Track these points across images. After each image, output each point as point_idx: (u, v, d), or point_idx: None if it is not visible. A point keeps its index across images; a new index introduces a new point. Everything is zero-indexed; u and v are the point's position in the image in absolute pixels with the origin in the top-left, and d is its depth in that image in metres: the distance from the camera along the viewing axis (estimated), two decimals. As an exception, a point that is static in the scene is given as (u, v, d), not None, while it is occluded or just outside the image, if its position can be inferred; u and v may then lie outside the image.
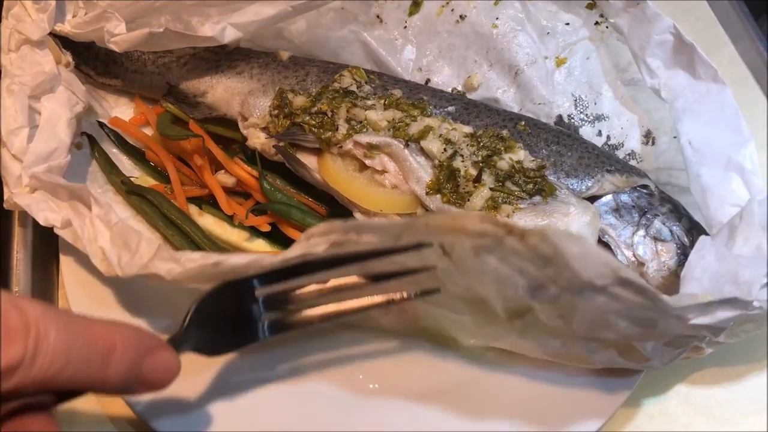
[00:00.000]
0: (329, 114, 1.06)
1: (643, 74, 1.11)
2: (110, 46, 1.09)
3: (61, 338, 0.61)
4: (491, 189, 0.99)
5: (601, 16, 1.22)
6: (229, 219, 1.13)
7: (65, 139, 1.04)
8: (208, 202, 1.15)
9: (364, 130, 1.05)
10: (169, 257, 0.87)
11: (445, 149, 1.03)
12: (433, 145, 1.02)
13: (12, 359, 0.58)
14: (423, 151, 1.03)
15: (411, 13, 1.25)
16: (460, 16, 1.25)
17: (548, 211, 0.99)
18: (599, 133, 1.20)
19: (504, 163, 1.01)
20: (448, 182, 1.00)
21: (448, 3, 1.25)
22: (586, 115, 1.21)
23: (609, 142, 1.20)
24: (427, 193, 1.01)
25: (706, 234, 1.01)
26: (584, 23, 1.23)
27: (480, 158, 1.02)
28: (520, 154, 1.03)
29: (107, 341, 0.65)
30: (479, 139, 1.04)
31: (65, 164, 1.03)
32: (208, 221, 1.13)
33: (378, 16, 1.24)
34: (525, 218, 0.98)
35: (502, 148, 1.03)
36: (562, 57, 1.23)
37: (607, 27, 1.22)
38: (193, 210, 1.14)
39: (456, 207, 0.99)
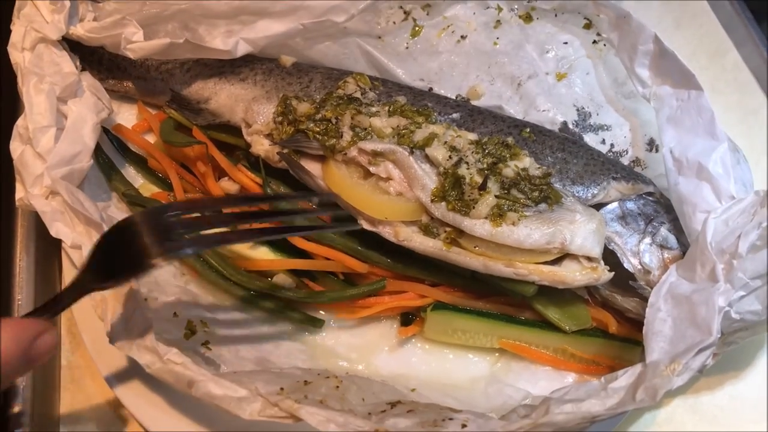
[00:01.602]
0: (333, 121, 1.06)
1: (635, 85, 1.12)
2: (125, 53, 1.09)
3: None
4: (496, 197, 0.99)
5: (598, 34, 1.24)
6: (233, 226, 1.13)
7: (89, 143, 1.04)
8: (211, 209, 1.15)
9: (369, 137, 1.05)
10: (152, 347, 0.87)
11: (450, 156, 1.02)
12: (438, 152, 1.02)
13: None
14: (428, 159, 1.03)
15: (413, 36, 1.26)
16: (461, 36, 1.26)
17: (554, 218, 0.98)
18: (603, 141, 1.20)
19: (509, 170, 1.01)
20: (453, 189, 1.00)
21: (448, 26, 1.26)
22: (590, 124, 1.21)
23: (613, 149, 1.20)
24: (432, 201, 1.00)
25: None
26: (582, 43, 1.25)
27: (485, 165, 1.01)
28: (526, 162, 1.03)
29: None
30: (484, 147, 1.03)
31: (87, 168, 1.04)
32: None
33: (380, 38, 1.24)
34: (530, 226, 0.97)
35: (508, 156, 1.03)
36: (563, 72, 1.24)
37: (604, 45, 1.23)
38: (196, 218, 1.13)
39: (461, 215, 0.98)
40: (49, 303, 0.81)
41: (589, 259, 0.99)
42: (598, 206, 1.06)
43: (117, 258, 0.83)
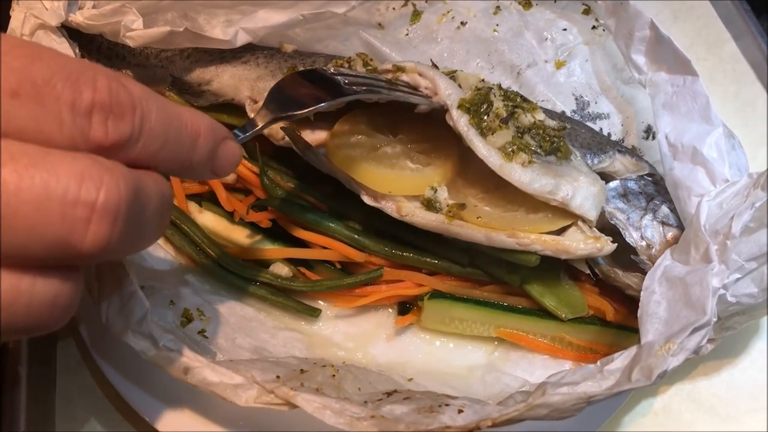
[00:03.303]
0: (346, 66, 1.05)
1: (632, 71, 1.11)
2: (124, 41, 1.09)
3: (161, 119, 0.61)
4: (512, 137, 0.97)
5: (597, 20, 1.23)
6: (230, 216, 1.13)
7: None
8: (207, 198, 1.15)
9: None
10: (148, 334, 0.86)
11: (482, 81, 1.00)
12: (469, 76, 1.00)
13: (122, 135, 0.57)
14: (455, 82, 1.01)
15: (412, 22, 1.26)
16: (461, 23, 1.25)
17: (560, 172, 0.97)
18: (600, 131, 1.20)
19: (526, 119, 1.00)
20: (480, 107, 0.97)
21: (448, 12, 1.25)
22: (588, 113, 1.21)
23: (611, 138, 1.19)
24: (459, 106, 0.97)
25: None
26: (581, 29, 1.25)
27: (508, 106, 1.00)
28: (541, 115, 1.02)
29: (194, 126, 0.66)
30: (507, 93, 1.02)
31: None
32: (207, 218, 1.13)
33: (380, 24, 1.24)
34: (537, 171, 0.96)
35: (526, 107, 1.02)
36: (562, 60, 1.24)
37: (603, 30, 1.23)
38: (192, 207, 1.14)
39: (479, 134, 0.97)
40: (240, 127, 0.84)
41: (590, 227, 0.99)
42: (602, 176, 1.05)
43: (293, 98, 0.88)
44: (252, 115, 1.10)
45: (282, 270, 1.09)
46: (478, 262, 1.05)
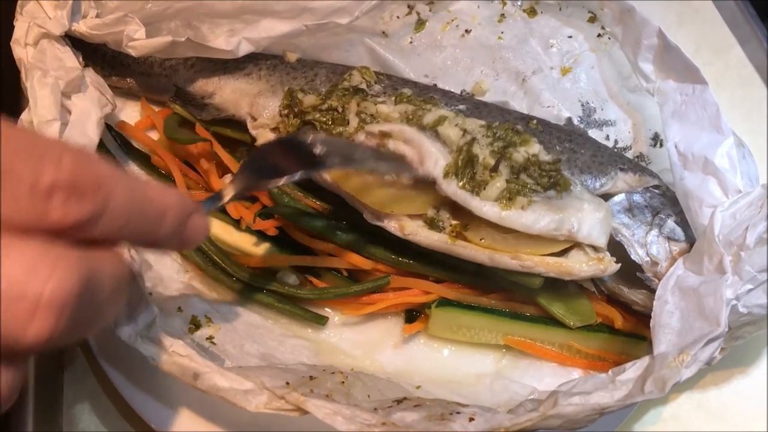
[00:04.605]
0: (340, 110, 1.05)
1: (639, 79, 1.11)
2: (127, 51, 1.08)
3: (125, 199, 0.61)
4: (507, 181, 0.97)
5: (603, 28, 1.23)
6: (236, 223, 1.13)
7: (94, 137, 1.03)
8: (214, 206, 1.14)
9: (376, 122, 1.04)
10: (157, 340, 0.87)
11: (463, 135, 1.00)
12: (450, 131, 1.00)
13: (81, 216, 0.57)
14: (438, 139, 1.00)
15: (417, 30, 1.25)
16: (466, 31, 1.25)
17: (562, 206, 0.97)
18: (607, 138, 1.20)
19: (519, 155, 0.99)
20: (467, 168, 0.97)
21: (452, 20, 1.25)
22: (594, 120, 1.21)
23: (617, 146, 1.19)
24: (444, 176, 0.97)
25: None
26: (587, 36, 1.24)
27: (497, 149, 1.00)
28: (535, 148, 1.01)
29: (161, 204, 0.66)
30: (495, 131, 1.02)
31: None
32: (214, 226, 1.13)
33: (384, 33, 1.24)
34: (539, 211, 0.96)
35: (518, 141, 1.01)
36: (567, 66, 1.24)
37: (609, 38, 1.23)
38: (199, 214, 1.13)
39: (472, 194, 0.97)
40: (209, 198, 0.84)
41: (596, 249, 0.99)
42: (605, 197, 1.06)
43: (264, 169, 0.87)
44: (254, 133, 1.11)
45: (289, 278, 1.09)
46: (486, 272, 1.04)
